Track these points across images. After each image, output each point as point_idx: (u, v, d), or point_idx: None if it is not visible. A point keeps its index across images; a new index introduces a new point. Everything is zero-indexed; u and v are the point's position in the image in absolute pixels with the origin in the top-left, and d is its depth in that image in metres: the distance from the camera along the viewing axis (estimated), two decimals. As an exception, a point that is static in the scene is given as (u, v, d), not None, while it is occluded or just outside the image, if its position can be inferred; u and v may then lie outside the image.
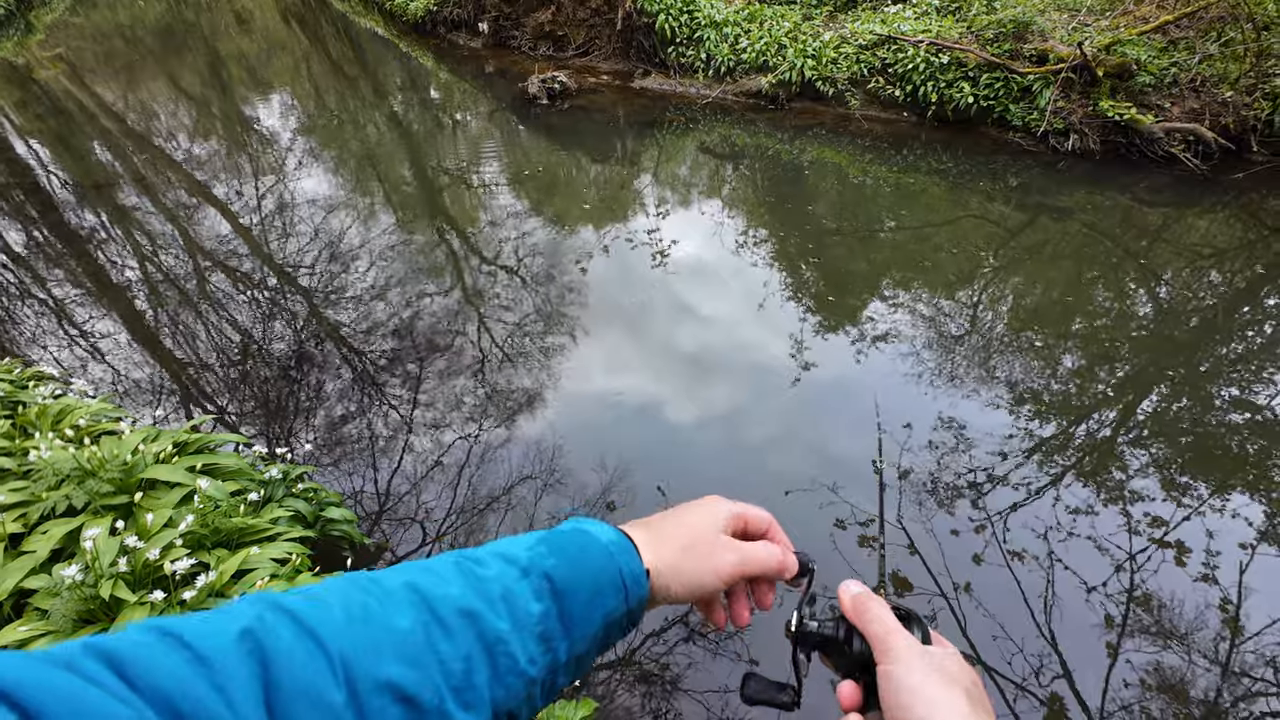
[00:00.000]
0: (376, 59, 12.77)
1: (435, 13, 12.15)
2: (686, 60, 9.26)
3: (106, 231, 6.79)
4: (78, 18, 16.05)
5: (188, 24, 16.21)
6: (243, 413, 4.26)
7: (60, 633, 1.81)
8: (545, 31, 10.78)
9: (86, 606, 1.83)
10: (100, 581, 1.85)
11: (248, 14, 17.14)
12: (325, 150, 8.81)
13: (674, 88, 9.38)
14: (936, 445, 3.78)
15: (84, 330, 5.18)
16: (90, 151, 8.90)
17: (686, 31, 9.19)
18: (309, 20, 16.22)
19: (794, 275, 5.53)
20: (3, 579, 1.93)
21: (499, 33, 11.34)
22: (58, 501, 2.18)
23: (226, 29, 15.79)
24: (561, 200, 7.06)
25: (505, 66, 10.71)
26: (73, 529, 2.09)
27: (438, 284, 5.50)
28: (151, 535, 2.07)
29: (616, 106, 9.09)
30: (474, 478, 3.66)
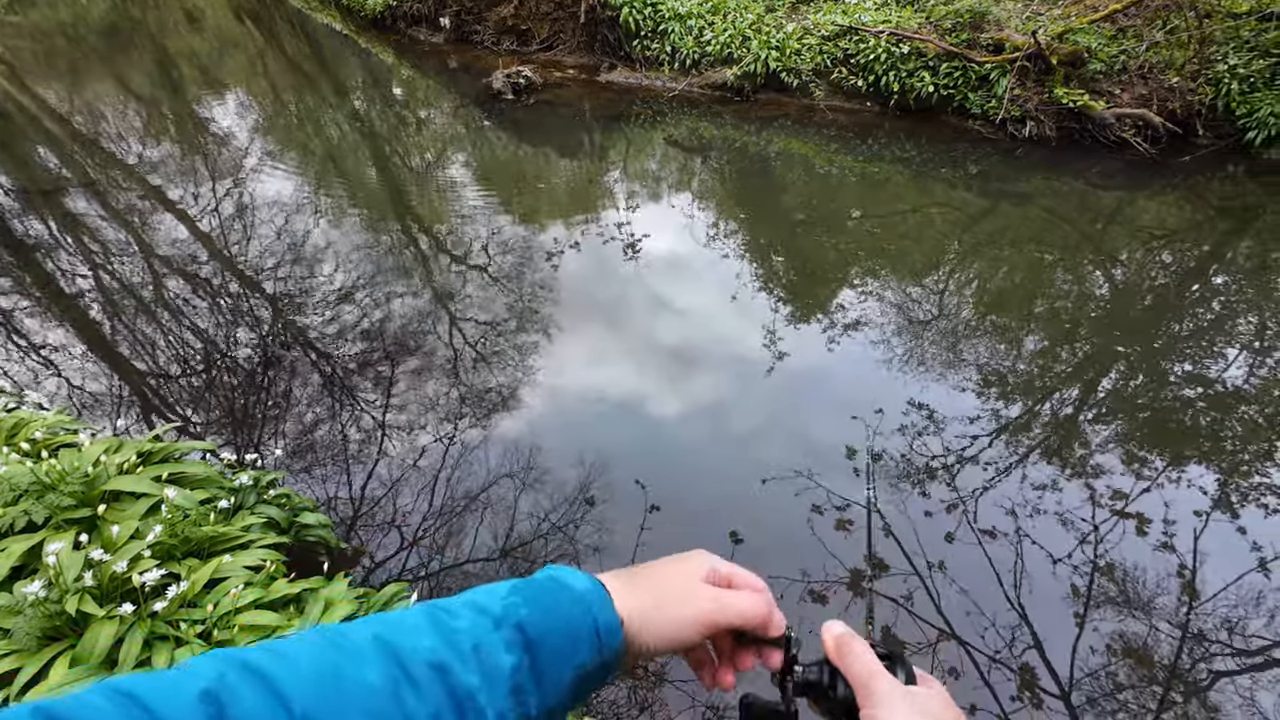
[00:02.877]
0: (335, 56, 12.48)
1: (395, 7, 11.91)
2: (652, 53, 9.26)
3: (56, 239, 6.53)
4: (14, 16, 15.36)
5: (134, 22, 15.63)
6: (209, 421, 4.15)
7: (25, 651, 1.75)
8: (508, 26, 10.66)
9: (52, 623, 1.77)
10: (65, 597, 1.79)
11: (198, 11, 16.59)
12: (285, 151, 8.59)
13: (640, 81, 9.36)
14: (907, 429, 3.87)
15: (34, 343, 4.98)
16: (34, 156, 8.53)
17: (651, 24, 9.18)
18: (262, 17, 15.76)
19: (765, 266, 5.59)
20: (-41, 600, 1.86)
21: (461, 27, 11.18)
22: (16, 518, 2.10)
23: (175, 26, 15.26)
24: (530, 196, 7.00)
25: (468, 62, 10.56)
26: (33, 544, 2.02)
27: (406, 284, 5.42)
28: (118, 547, 2.01)
29: (583, 100, 9.05)
30: (451, 479, 3.63)
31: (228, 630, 1.86)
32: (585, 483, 3.59)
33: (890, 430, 3.84)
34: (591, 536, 3.27)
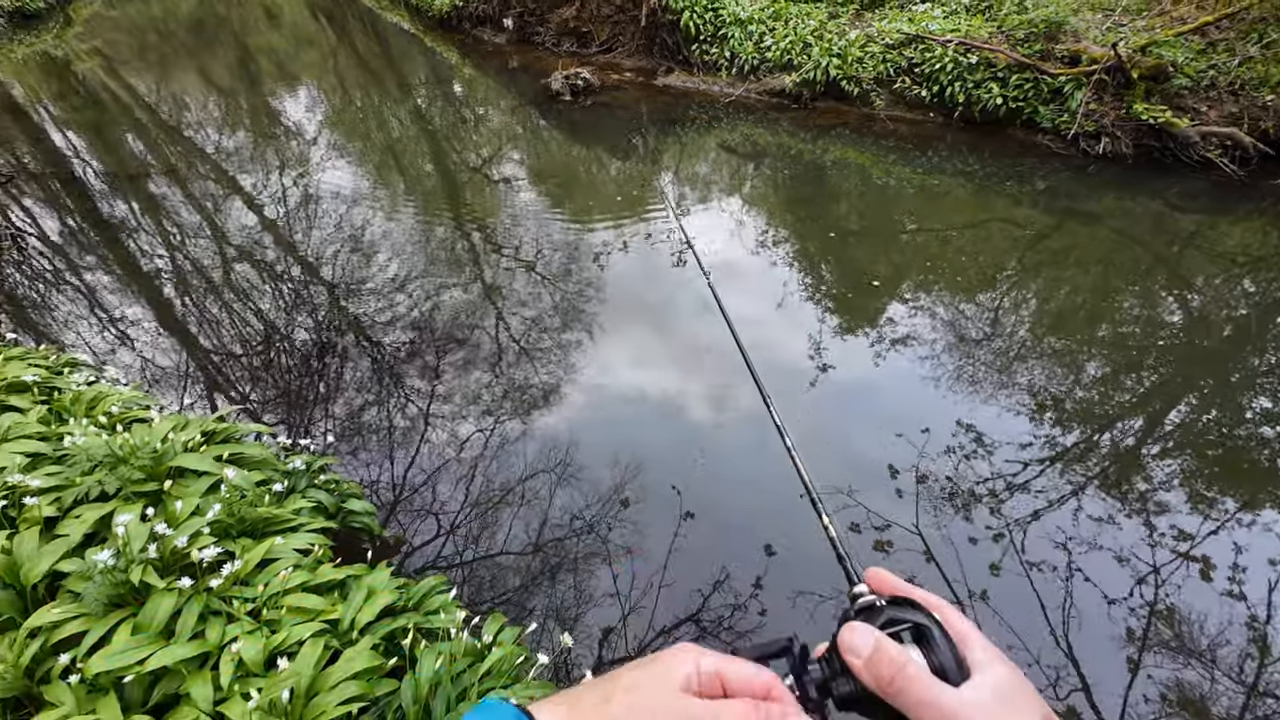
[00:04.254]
0: (402, 54, 12.88)
1: (461, 8, 12.22)
2: (710, 58, 9.22)
3: (137, 221, 6.95)
4: (114, 11, 16.39)
5: (219, 18, 16.48)
6: (265, 401, 4.34)
7: (92, 616, 1.87)
8: (569, 28, 10.79)
9: (117, 591, 1.89)
10: (131, 567, 1.91)
11: (277, 9, 17.37)
12: (349, 144, 8.91)
13: (697, 85, 9.34)
14: (954, 451, 3.74)
15: (114, 317, 5.31)
16: (124, 142, 9.10)
17: (711, 29, 9.14)
18: (336, 15, 16.39)
19: (813, 275, 5.50)
20: (37, 561, 2.00)
21: (523, 29, 11.37)
22: (91, 487, 2.24)
23: (256, 23, 16.02)
24: (581, 196, 7.07)
25: (529, 63, 10.74)
26: (104, 514, 2.16)
27: (457, 278, 5.55)
28: (180, 523, 2.12)
29: (639, 104, 9.08)
30: (489, 471, 3.69)
31: (276, 610, 1.94)
32: (620, 483, 3.60)
33: (936, 451, 3.73)
34: (624, 538, 3.27)
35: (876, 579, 0.56)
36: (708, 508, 3.41)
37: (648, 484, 3.57)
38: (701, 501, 3.44)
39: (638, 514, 3.40)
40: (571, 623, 2.87)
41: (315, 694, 1.71)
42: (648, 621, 2.88)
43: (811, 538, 3.27)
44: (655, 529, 3.30)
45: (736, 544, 3.23)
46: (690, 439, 3.90)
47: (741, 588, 3.01)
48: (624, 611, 2.92)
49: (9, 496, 2.19)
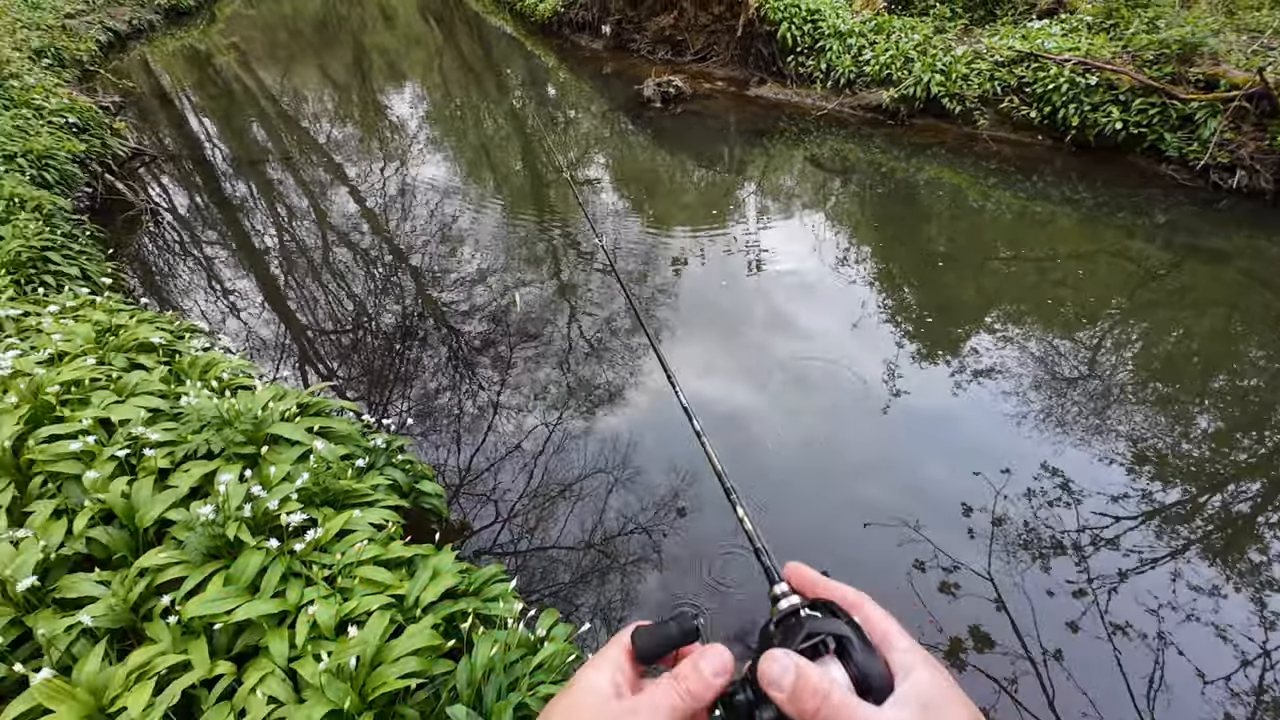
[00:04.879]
0: (502, 56, 13.39)
1: (562, 14, 12.57)
2: (805, 70, 9.08)
3: (254, 202, 7.55)
4: (252, 10, 17.87)
5: (340, 18, 17.66)
6: (350, 378, 4.62)
7: (191, 564, 2.04)
8: (665, 36, 10.89)
9: (214, 543, 2.06)
10: (228, 523, 2.08)
11: (392, 11, 18.44)
12: (446, 140, 9.34)
13: (789, 97, 9.22)
14: (1037, 495, 3.52)
15: (226, 289, 5.78)
16: (248, 129, 9.91)
17: (808, 41, 9.00)
18: (445, 18, 17.22)
19: (895, 297, 5.31)
20: (150, 508, 2.21)
21: (620, 35, 11.57)
22: (199, 445, 2.46)
23: (373, 24, 17.06)
24: (663, 202, 7.12)
25: (623, 69, 10.92)
26: (209, 471, 2.36)
27: (535, 274, 5.71)
28: (272, 486, 2.29)
29: (728, 113, 9.06)
30: (549, 464, 3.78)
31: (350, 580, 2.07)
32: (676, 490, 3.60)
33: (1016, 493, 3.52)
34: (676, 547, 3.26)
35: (797, 576, 0.54)
36: (765, 524, 3.34)
37: (704, 494, 3.55)
38: (759, 517, 3.38)
39: (692, 524, 3.39)
40: (619, 626, 2.89)
41: (379, 664, 1.81)
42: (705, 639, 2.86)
43: (873, 571, 3.16)
44: (709, 541, 3.28)
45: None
46: (753, 454, 3.84)
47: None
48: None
49: (132, 446, 2.43)
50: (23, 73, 7.41)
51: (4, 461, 2.36)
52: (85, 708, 1.70)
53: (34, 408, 2.54)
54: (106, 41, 12.24)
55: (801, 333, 4.87)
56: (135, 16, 13.91)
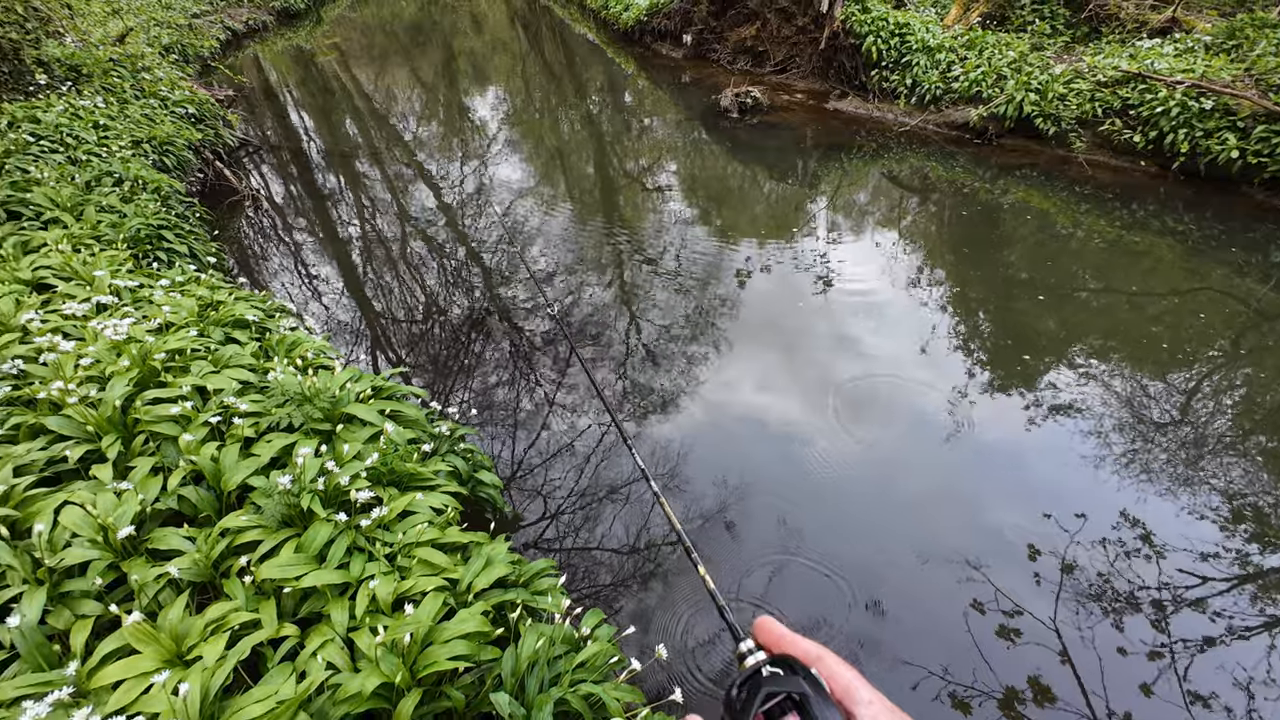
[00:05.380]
0: (583, 62, 13.67)
1: (644, 23, 12.73)
2: (889, 85, 8.86)
3: (341, 193, 7.99)
4: (354, 13, 18.93)
5: (434, 22, 18.47)
6: (418, 365, 4.81)
7: (267, 529, 2.18)
8: (746, 46, 10.86)
9: (289, 512, 2.19)
10: (302, 493, 2.21)
11: (482, 16, 19.15)
12: (523, 142, 9.61)
13: (870, 112, 9.01)
14: (1113, 545, 3.30)
15: (311, 273, 6.14)
16: (342, 125, 10.49)
17: (894, 55, 8.78)
18: (531, 24, 17.74)
19: (968, 323, 5.09)
20: (235, 473, 2.37)
21: (700, 45, 11.62)
22: (282, 418, 2.62)
23: (463, 28, 17.75)
24: (731, 212, 7.09)
25: (701, 78, 10.95)
26: (288, 444, 2.51)
27: (599, 277, 5.79)
28: (344, 463, 2.42)
29: (805, 126, 8.94)
30: (599, 465, 3.82)
31: (408, 559, 2.16)
32: (724, 504, 3.57)
33: (1090, 540, 3.31)
34: (718, 565, 3.23)
35: (764, 631, 0.56)
36: (814, 547, 3.28)
37: (752, 511, 3.51)
38: (808, 540, 3.31)
39: (738, 539, 3.35)
40: (664, 635, 2.89)
41: (430, 644, 1.88)
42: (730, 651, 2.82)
43: (927, 608, 3.04)
44: (755, 561, 3.23)
45: (841, 593, 3.07)
46: (805, 472, 3.77)
47: (844, 639, 2.87)
48: (709, 638, 2.89)
49: (223, 414, 2.61)
50: (153, 66, 8.11)
51: (114, 419, 2.59)
52: (166, 652, 1.84)
53: (142, 372, 2.77)
54: (225, 39, 13.23)
55: (866, 353, 4.75)
56: (251, 17, 14.99)
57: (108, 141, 5.79)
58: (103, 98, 6.59)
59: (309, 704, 1.73)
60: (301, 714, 1.68)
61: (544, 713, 1.78)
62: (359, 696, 1.74)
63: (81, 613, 2.00)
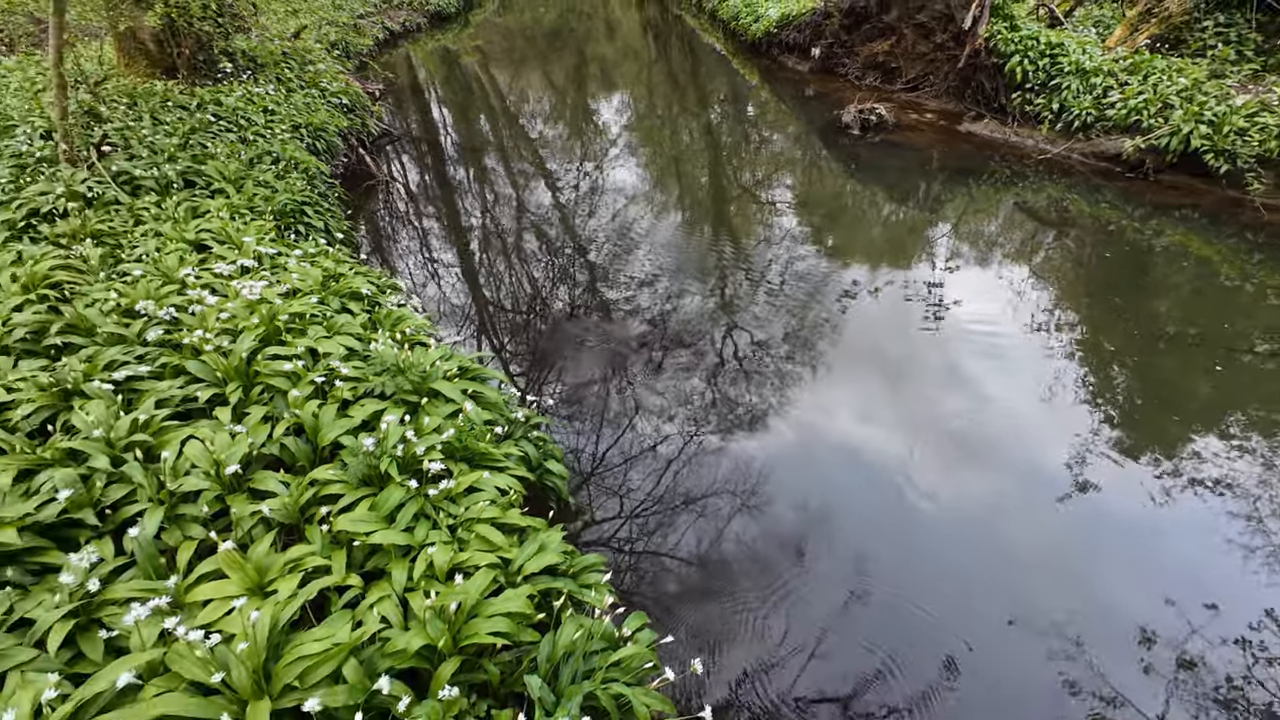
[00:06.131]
0: (709, 72, 13.73)
1: (773, 35, 12.59)
2: (1032, 109, 8.20)
3: (467, 185, 8.50)
4: (499, 18, 20.14)
5: (570, 29, 19.26)
6: (509, 351, 5.01)
7: (349, 485, 2.35)
8: (877, 62, 10.46)
9: (370, 472, 2.35)
10: (383, 457, 2.36)
11: (616, 24, 19.74)
12: (642, 147, 9.79)
13: (1007, 137, 8.39)
14: (1251, 646, 2.84)
15: (428, 256, 6.57)
16: (476, 121, 11.17)
17: (1042, 77, 8.12)
18: (662, 33, 18.07)
19: (1100, 375, 4.59)
20: (330, 431, 2.58)
21: (829, 59, 11.32)
22: (376, 385, 2.82)
23: (597, 36, 18.38)
24: (843, 232, 6.84)
25: (826, 92, 10.67)
26: (378, 410, 2.70)
27: (701, 285, 5.76)
28: (424, 434, 2.56)
29: (932, 147, 8.46)
30: (679, 473, 3.79)
31: (468, 533, 2.25)
32: (801, 532, 3.43)
33: (1220, 636, 2.87)
34: (780, 595, 3.09)
35: None
36: (888, 592, 3.07)
37: (828, 542, 3.35)
38: (884, 584, 3.11)
39: (808, 571, 3.20)
40: (706, 654, 2.82)
41: (475, 616, 1.94)
42: (788, 685, 2.70)
43: (1009, 679, 2.76)
44: (821, 596, 3.08)
45: (913, 646, 2.86)
46: (892, 511, 3.54)
47: (902, 694, 2.67)
48: (759, 664, 2.78)
49: (327, 376, 2.85)
50: (317, 60, 9.03)
51: (239, 368, 2.89)
52: (250, 581, 2.02)
53: (268, 330, 3.08)
54: (382, 38, 14.50)
55: (978, 393, 4.40)
56: (407, 19, 16.33)
57: (273, 125, 6.51)
58: (274, 85, 7.42)
59: (360, 651, 1.84)
60: (352, 660, 1.79)
61: (573, 703, 1.79)
62: (404, 653, 1.83)
63: (189, 534, 2.25)
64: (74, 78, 5.90)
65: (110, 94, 6.12)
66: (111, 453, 2.39)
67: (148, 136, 5.40)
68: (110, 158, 5.04)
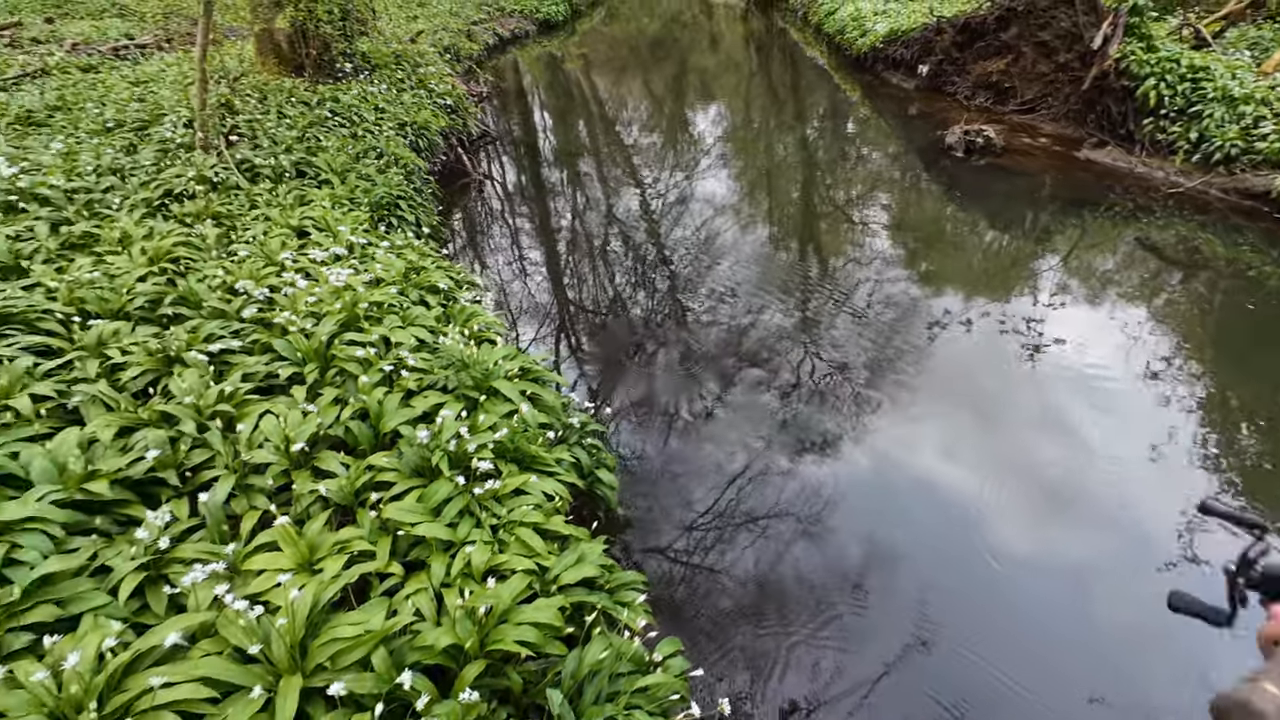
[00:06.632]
0: (808, 86, 13.43)
1: (879, 50, 12.16)
2: (1166, 138, 7.46)
3: (561, 188, 8.70)
4: (604, 27, 20.60)
5: (674, 39, 19.42)
6: (583, 355, 5.04)
7: (402, 473, 2.41)
8: (990, 81, 9.87)
9: (422, 464, 2.41)
10: (435, 451, 2.41)
11: (720, 36, 19.72)
12: (734, 159, 9.68)
13: (1133, 166, 7.67)
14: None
15: (506, 256, 6.75)
16: (574, 126, 11.44)
17: (1180, 103, 7.38)
18: (765, 46, 17.88)
19: (1226, 437, 4.08)
20: (392, 418, 2.67)
21: (937, 76, 10.79)
22: (440, 379, 2.90)
23: (699, 47, 18.43)
24: (938, 258, 6.46)
25: (930, 111, 10.17)
26: (438, 403, 2.76)
27: (781, 302, 5.59)
28: (478, 432, 2.60)
29: (1044, 173, 7.87)
30: (742, 491, 3.67)
31: (509, 536, 2.25)
32: (863, 564, 3.23)
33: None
34: (834, 631, 2.92)
35: None
36: (952, 649, 2.84)
37: (893, 582, 3.14)
38: (950, 637, 2.88)
39: (871, 605, 3.01)
40: (744, 686, 2.70)
41: (504, 621, 1.93)
42: (827, 733, 2.54)
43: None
44: (880, 632, 2.89)
45: (973, 697, 2.62)
46: (971, 565, 3.28)
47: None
48: (804, 702, 2.62)
49: (396, 365, 2.95)
50: (428, 63, 9.53)
51: (319, 350, 3.05)
52: (301, 557, 2.11)
53: (348, 316, 3.24)
54: (491, 44, 15.15)
55: (1077, 443, 4.01)
56: (517, 26, 16.99)
57: (381, 122, 6.91)
58: (386, 85, 7.88)
59: (390, 640, 1.87)
60: (382, 648, 1.82)
61: (591, 727, 1.74)
62: (431, 649, 1.84)
63: (255, 504, 2.38)
64: (216, 73, 6.50)
65: (245, 89, 6.70)
66: (199, 419, 2.57)
67: (271, 128, 5.86)
68: (236, 146, 5.50)
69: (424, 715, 1.68)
